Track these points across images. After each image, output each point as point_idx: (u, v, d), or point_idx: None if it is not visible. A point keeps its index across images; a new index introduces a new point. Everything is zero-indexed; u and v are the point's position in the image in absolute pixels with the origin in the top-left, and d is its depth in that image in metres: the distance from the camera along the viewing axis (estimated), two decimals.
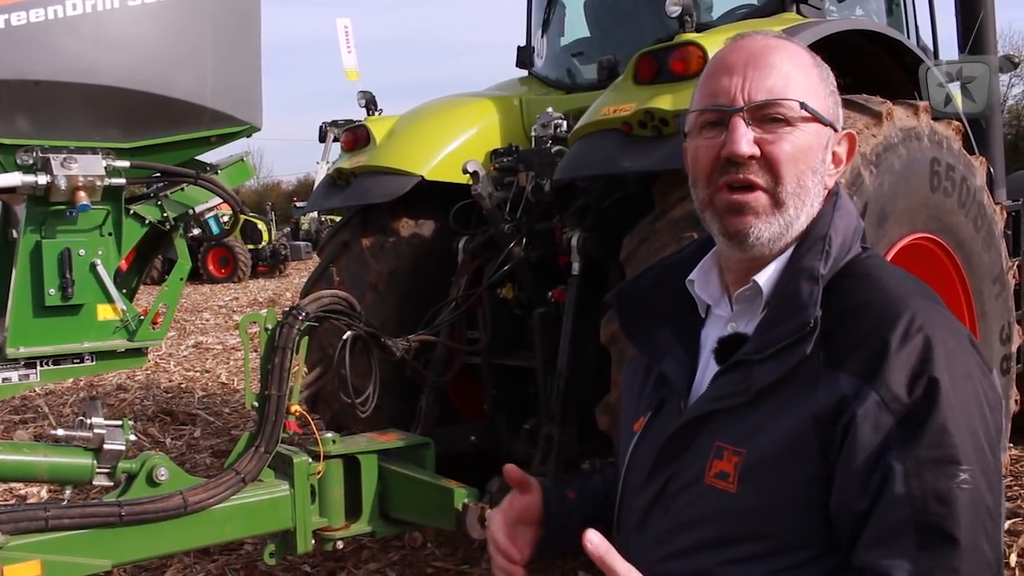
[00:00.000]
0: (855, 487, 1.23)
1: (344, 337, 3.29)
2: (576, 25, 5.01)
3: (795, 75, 1.39)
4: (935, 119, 3.63)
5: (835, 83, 1.45)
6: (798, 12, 4.07)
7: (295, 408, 3.05)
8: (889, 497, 1.20)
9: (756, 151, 1.36)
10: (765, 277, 1.39)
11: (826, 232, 1.37)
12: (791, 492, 1.27)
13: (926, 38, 5.09)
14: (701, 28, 3.64)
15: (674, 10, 3.41)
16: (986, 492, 1.20)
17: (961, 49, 4.78)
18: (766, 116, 1.37)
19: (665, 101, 3.17)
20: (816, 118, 1.38)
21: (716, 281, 1.49)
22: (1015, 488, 4.83)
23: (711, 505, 1.35)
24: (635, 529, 1.48)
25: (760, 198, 1.37)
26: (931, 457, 1.19)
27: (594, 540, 1.21)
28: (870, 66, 3.98)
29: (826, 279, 1.34)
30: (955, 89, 4.44)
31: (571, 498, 1.74)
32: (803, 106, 1.37)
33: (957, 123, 3.78)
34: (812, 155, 1.38)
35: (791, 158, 1.36)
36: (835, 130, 1.42)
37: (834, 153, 1.43)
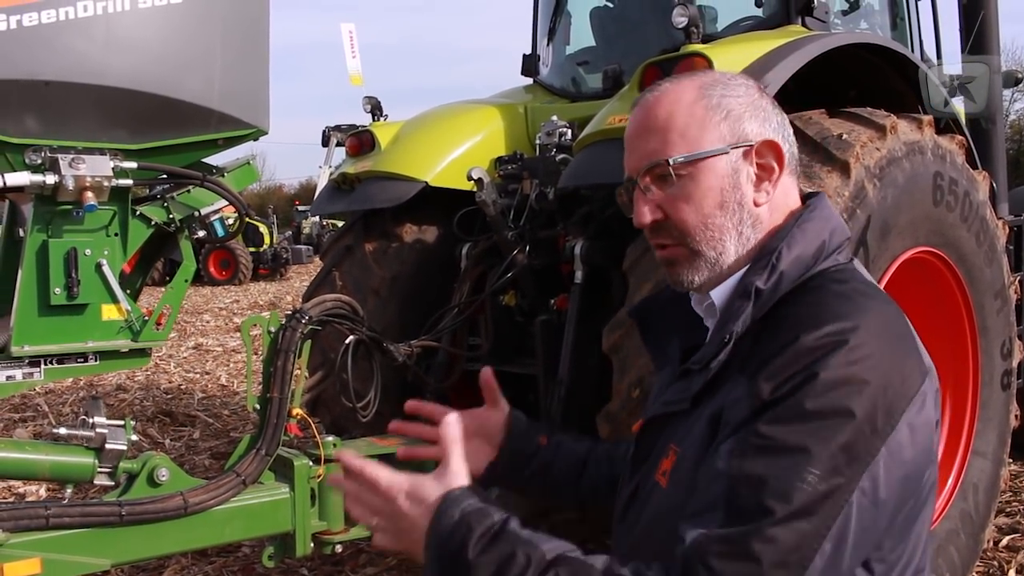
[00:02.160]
0: (703, 468, 1.29)
1: (346, 341, 3.29)
2: (582, 34, 5.02)
3: (673, 124, 1.43)
4: (939, 132, 3.64)
5: (733, 102, 1.44)
6: (803, 25, 4.09)
7: (296, 411, 3.05)
8: (713, 472, 1.26)
9: (658, 215, 1.46)
10: (718, 292, 1.46)
11: (777, 246, 1.39)
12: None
13: (931, 52, 5.12)
14: (706, 39, 3.66)
15: (681, 21, 3.43)
16: (811, 498, 1.19)
17: (963, 52, 4.79)
18: (657, 177, 1.45)
19: None
20: (703, 158, 1.41)
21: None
22: (1014, 504, 4.84)
23: (653, 500, 1.45)
24: (618, 521, 1.57)
25: (678, 251, 1.47)
26: (758, 444, 1.22)
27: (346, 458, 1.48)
28: (875, 79, 4.00)
29: (771, 293, 1.37)
30: (959, 104, 4.46)
31: (541, 444, 1.84)
32: (669, 162, 1.43)
33: (960, 137, 3.80)
34: (714, 193, 1.42)
35: (689, 211, 1.44)
36: (747, 147, 1.42)
37: (759, 166, 1.43)
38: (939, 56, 5.11)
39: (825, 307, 1.32)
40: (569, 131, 3.97)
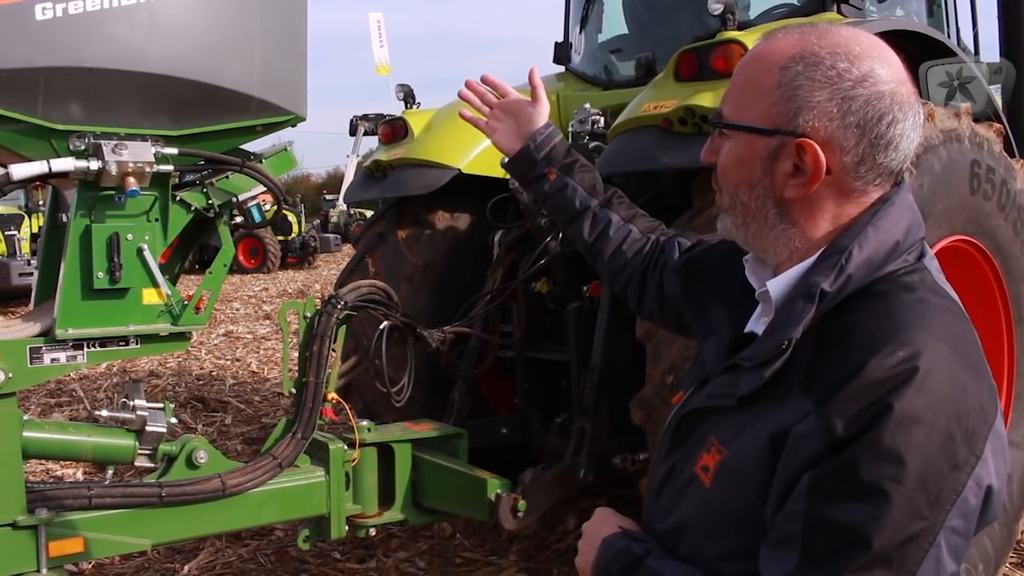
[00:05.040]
0: (774, 499, 1.24)
1: (381, 327, 3.32)
2: (614, 22, 5.02)
3: (744, 80, 1.37)
4: (976, 121, 3.61)
5: (806, 85, 1.28)
6: (839, 12, 4.06)
7: (332, 396, 3.09)
8: (790, 508, 1.20)
9: (712, 159, 1.43)
10: (777, 284, 1.37)
11: (848, 246, 1.29)
12: (750, 504, 1.28)
13: (967, 39, 5.06)
14: (740, 27, 3.64)
15: (716, 8, 3.43)
16: (889, 544, 1.14)
17: (1001, 51, 4.74)
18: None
19: (706, 98, 3.17)
20: (741, 129, 1.35)
21: (771, 267, 1.44)
22: None
23: (691, 495, 1.40)
24: (652, 496, 1.54)
25: (719, 199, 1.44)
26: (833, 486, 1.17)
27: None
28: (911, 67, 3.96)
29: (835, 296, 1.28)
30: (996, 92, 4.41)
31: (548, 176, 2.09)
32: (713, 122, 1.41)
33: (998, 125, 3.76)
34: (743, 168, 1.36)
35: (723, 169, 1.40)
36: (790, 139, 1.30)
37: (796, 164, 1.30)
38: (976, 46, 5.06)
39: (892, 321, 1.23)
40: (602, 119, 3.97)
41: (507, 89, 2.20)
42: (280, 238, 22.57)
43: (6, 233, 14.64)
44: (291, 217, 23.32)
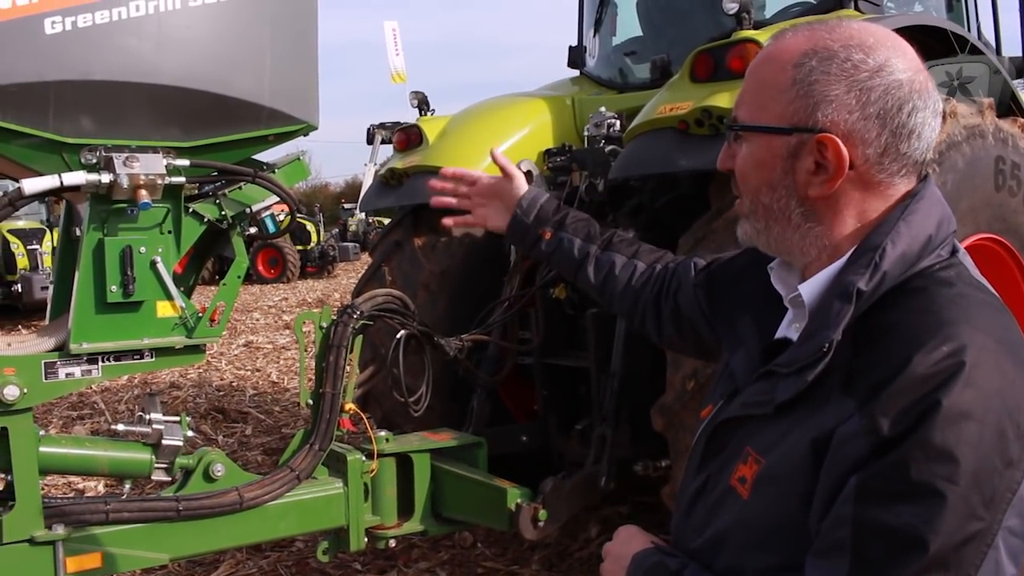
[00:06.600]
0: (818, 506, 1.19)
1: (398, 336, 3.29)
2: (628, 24, 4.99)
3: (757, 80, 1.34)
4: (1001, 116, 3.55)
5: (823, 80, 1.26)
6: (856, 8, 4.01)
7: (349, 406, 3.06)
8: (836, 513, 1.16)
9: (728, 165, 1.41)
10: (809, 287, 1.33)
11: (881, 242, 1.26)
12: (793, 513, 1.24)
13: (988, 34, 4.99)
14: (756, 27, 3.60)
15: (731, 7, 3.39)
16: (946, 546, 1.09)
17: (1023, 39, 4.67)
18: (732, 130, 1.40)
19: (723, 99, 3.13)
20: (758, 131, 1.32)
21: (799, 272, 1.41)
22: None
23: (728, 507, 1.35)
24: (683, 514, 1.49)
25: (740, 205, 1.42)
26: (883, 489, 1.12)
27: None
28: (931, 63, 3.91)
29: (871, 295, 1.25)
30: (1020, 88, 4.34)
31: (544, 236, 2.11)
32: (729, 126, 1.38)
33: (1023, 120, 3.69)
34: (763, 170, 1.33)
35: (741, 174, 1.38)
36: (809, 136, 1.27)
37: (818, 161, 1.27)
38: (998, 41, 4.99)
39: (934, 316, 1.20)
40: (617, 122, 3.93)
41: (475, 175, 2.25)
42: (299, 248, 22.64)
43: (28, 247, 14.74)
44: (310, 226, 23.40)
